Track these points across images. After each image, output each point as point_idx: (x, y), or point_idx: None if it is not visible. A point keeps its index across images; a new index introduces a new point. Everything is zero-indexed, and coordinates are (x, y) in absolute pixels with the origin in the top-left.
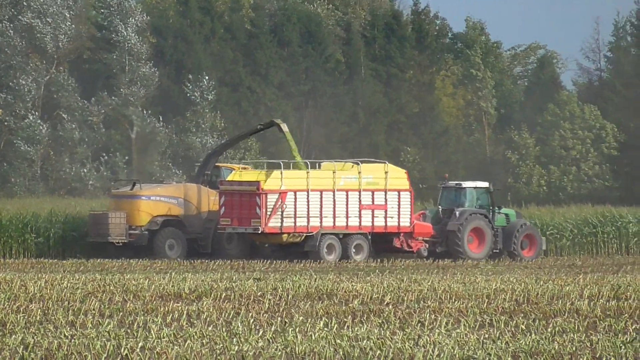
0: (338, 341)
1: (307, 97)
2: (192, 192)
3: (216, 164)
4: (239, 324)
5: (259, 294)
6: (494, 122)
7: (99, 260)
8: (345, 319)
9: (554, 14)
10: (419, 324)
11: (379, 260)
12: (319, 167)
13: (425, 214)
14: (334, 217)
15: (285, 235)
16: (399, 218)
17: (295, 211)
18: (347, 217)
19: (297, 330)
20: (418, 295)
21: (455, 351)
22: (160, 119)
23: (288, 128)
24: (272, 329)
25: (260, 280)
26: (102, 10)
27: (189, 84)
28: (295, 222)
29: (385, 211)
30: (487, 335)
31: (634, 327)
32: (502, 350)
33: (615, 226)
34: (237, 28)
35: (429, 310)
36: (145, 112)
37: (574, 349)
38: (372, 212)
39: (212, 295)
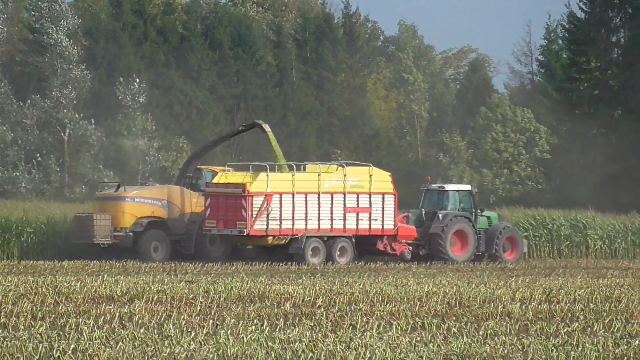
0: (270, 344)
1: (238, 99)
2: (175, 194)
3: (198, 166)
4: (171, 327)
5: (190, 296)
6: (426, 125)
7: (31, 262)
8: (277, 322)
9: (486, 17)
10: (351, 327)
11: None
12: (304, 169)
13: (408, 216)
14: (319, 219)
15: (270, 237)
16: (382, 221)
17: (280, 214)
18: (331, 219)
19: (228, 332)
20: (350, 298)
21: (387, 354)
22: (92, 121)
23: (270, 129)
24: (204, 331)
25: (192, 283)
26: (34, 13)
27: (120, 87)
28: (280, 225)
29: (370, 214)
30: (418, 338)
31: (565, 330)
32: (433, 353)
33: (547, 229)
34: (169, 31)
35: (360, 313)
36: (77, 114)
37: (505, 351)
38: (357, 214)
39: (144, 297)
